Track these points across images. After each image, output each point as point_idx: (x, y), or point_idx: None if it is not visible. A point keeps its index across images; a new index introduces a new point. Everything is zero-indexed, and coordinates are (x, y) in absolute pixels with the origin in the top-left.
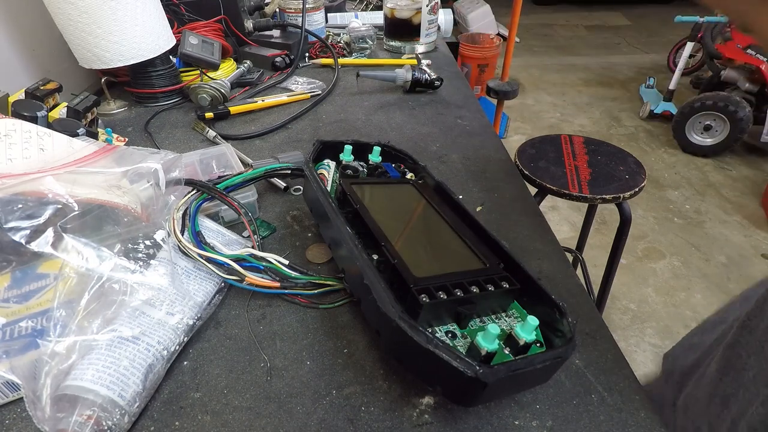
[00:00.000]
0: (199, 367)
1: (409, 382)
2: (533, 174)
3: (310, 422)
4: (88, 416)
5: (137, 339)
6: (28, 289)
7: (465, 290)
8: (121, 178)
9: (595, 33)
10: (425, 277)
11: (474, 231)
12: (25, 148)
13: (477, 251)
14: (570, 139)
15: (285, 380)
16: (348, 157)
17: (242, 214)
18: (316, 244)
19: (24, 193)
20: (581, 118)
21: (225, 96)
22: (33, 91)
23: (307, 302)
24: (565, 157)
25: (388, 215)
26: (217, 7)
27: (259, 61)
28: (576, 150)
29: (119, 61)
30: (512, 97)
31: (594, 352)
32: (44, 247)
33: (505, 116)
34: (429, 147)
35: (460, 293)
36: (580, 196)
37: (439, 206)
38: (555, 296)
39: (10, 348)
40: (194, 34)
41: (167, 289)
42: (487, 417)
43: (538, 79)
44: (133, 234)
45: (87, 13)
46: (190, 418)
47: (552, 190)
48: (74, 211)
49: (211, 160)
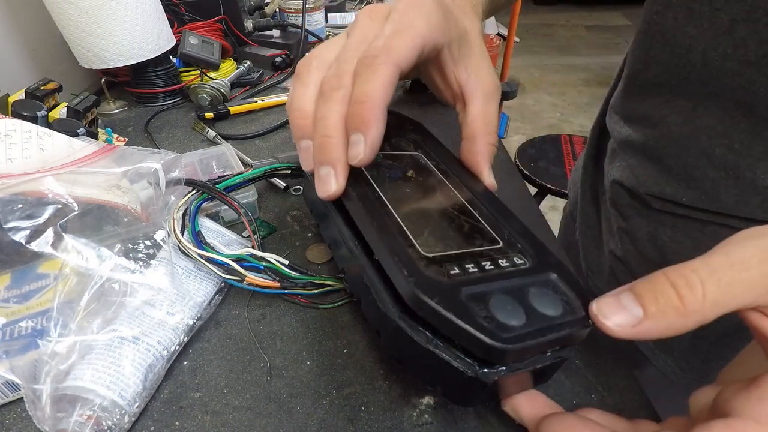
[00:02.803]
0: (199, 367)
1: (409, 382)
2: (533, 174)
3: (310, 422)
4: (88, 416)
5: (137, 339)
6: (28, 289)
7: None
8: (121, 178)
9: (595, 33)
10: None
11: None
12: (25, 148)
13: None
14: (570, 139)
15: (285, 380)
16: None
17: (242, 214)
18: (316, 244)
19: (24, 193)
20: (581, 118)
21: (225, 96)
22: (33, 91)
23: (307, 302)
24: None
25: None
26: (217, 7)
27: (259, 61)
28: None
29: (119, 61)
30: (511, 97)
31: (594, 352)
32: (44, 247)
33: (505, 116)
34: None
35: None
36: None
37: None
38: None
39: (10, 348)
40: (194, 34)
41: (167, 289)
42: (487, 417)
43: (538, 79)
44: (133, 234)
45: (87, 13)
46: (190, 418)
47: (552, 190)
48: (74, 211)
49: (211, 160)
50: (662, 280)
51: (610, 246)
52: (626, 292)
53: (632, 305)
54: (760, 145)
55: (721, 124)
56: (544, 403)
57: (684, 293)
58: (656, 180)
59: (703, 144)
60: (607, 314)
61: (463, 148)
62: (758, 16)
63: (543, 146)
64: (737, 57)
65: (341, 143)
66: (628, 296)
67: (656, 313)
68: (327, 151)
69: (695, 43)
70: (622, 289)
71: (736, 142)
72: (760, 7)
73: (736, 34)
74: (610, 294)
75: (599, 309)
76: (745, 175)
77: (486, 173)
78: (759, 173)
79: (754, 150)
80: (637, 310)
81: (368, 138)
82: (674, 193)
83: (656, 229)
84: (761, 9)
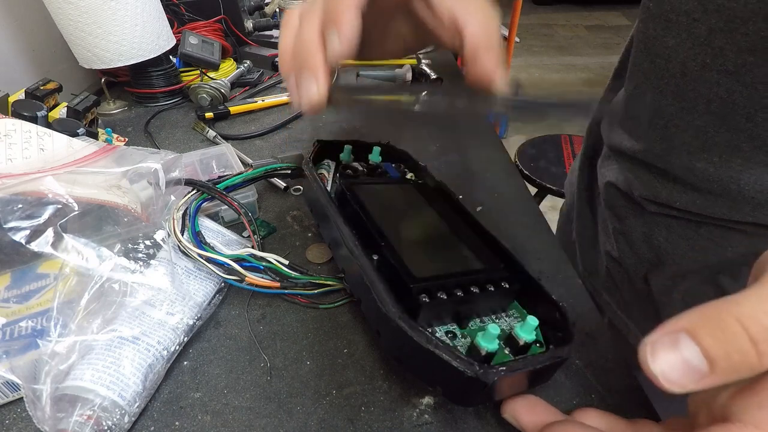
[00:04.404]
0: (199, 367)
1: (409, 382)
2: (533, 174)
3: (310, 422)
4: (88, 416)
5: (137, 339)
6: (28, 289)
7: (465, 290)
8: (121, 178)
9: (595, 33)
10: (425, 277)
11: (474, 231)
12: (25, 148)
13: (477, 251)
14: (570, 139)
15: (285, 380)
16: (348, 157)
17: (242, 214)
18: (316, 244)
19: (24, 193)
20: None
21: (225, 96)
22: (33, 91)
23: (307, 302)
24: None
25: (388, 215)
26: (217, 7)
27: (259, 61)
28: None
29: (119, 61)
30: None
31: (594, 352)
32: (44, 247)
33: (505, 116)
34: (429, 147)
35: (460, 293)
36: None
37: (440, 206)
38: (555, 296)
39: (10, 348)
40: (194, 34)
41: (167, 289)
42: (487, 417)
43: (538, 79)
44: (133, 234)
45: (87, 13)
46: (190, 418)
47: (552, 190)
48: (74, 211)
49: (211, 160)
50: (736, 329)
51: (606, 247)
52: (687, 340)
53: (697, 358)
54: (738, 158)
55: (697, 140)
56: (543, 410)
57: (764, 349)
58: (649, 184)
59: (683, 160)
60: (667, 373)
61: (467, 71)
62: (736, 26)
63: (543, 146)
64: (716, 66)
65: (318, 48)
66: (691, 347)
67: (726, 370)
68: (304, 58)
69: (674, 54)
70: (678, 328)
71: (714, 156)
72: (738, 17)
73: (715, 44)
74: (666, 339)
75: (660, 369)
76: (730, 187)
77: (498, 82)
78: (743, 184)
79: (734, 163)
80: (702, 364)
81: (342, 31)
82: (668, 197)
83: (651, 230)
84: (738, 19)
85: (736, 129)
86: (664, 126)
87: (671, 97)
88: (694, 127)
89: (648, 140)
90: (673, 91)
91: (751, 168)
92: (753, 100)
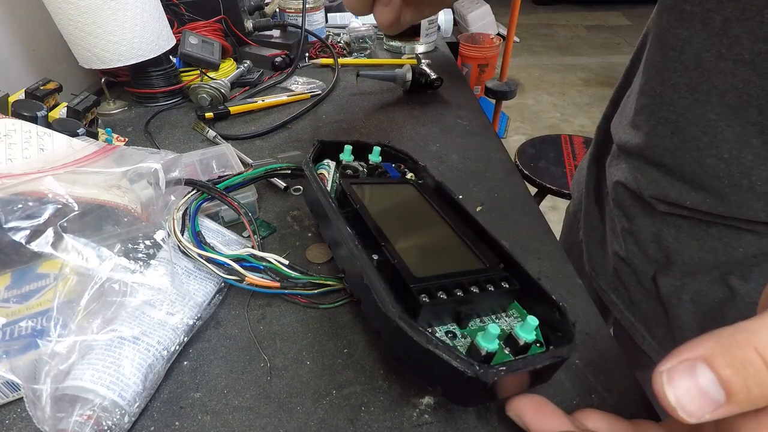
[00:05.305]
0: (199, 367)
1: (409, 382)
2: (533, 174)
3: (310, 422)
4: (88, 416)
5: (137, 339)
6: (28, 289)
7: (465, 290)
8: (121, 178)
9: (595, 33)
10: (425, 277)
11: (474, 231)
12: (25, 148)
13: (477, 251)
14: (570, 139)
15: (285, 380)
16: (348, 157)
17: (242, 214)
18: (316, 244)
19: (24, 193)
20: (581, 118)
21: (225, 96)
22: (33, 91)
23: (307, 302)
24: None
25: (388, 215)
26: (217, 7)
27: (259, 61)
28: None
29: (119, 61)
30: (510, 97)
31: (594, 352)
32: (44, 247)
33: (505, 116)
34: (429, 147)
35: (460, 293)
36: None
37: (440, 206)
38: (555, 296)
39: (10, 348)
40: (194, 34)
41: (167, 289)
42: (487, 417)
43: (538, 79)
44: (133, 234)
45: (87, 13)
46: (190, 418)
47: (552, 190)
48: (74, 211)
49: (211, 160)
50: (756, 361)
51: (614, 247)
52: (705, 369)
53: (714, 388)
54: (749, 153)
55: (706, 135)
56: (549, 411)
57: None
58: (659, 184)
59: (693, 155)
60: (685, 404)
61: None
62: (752, 14)
63: (543, 146)
64: (732, 56)
65: None
66: (709, 377)
67: (743, 402)
68: None
69: (687, 45)
70: (695, 356)
71: (724, 152)
72: (754, 5)
73: (731, 33)
74: (682, 368)
75: (677, 399)
76: (741, 182)
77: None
78: (755, 180)
79: (744, 159)
80: (719, 395)
81: None
82: (678, 197)
83: (660, 229)
84: (755, 7)
85: (748, 122)
86: (675, 120)
87: (684, 89)
88: (705, 120)
89: (658, 136)
90: (686, 83)
91: (761, 164)
92: (766, 90)
